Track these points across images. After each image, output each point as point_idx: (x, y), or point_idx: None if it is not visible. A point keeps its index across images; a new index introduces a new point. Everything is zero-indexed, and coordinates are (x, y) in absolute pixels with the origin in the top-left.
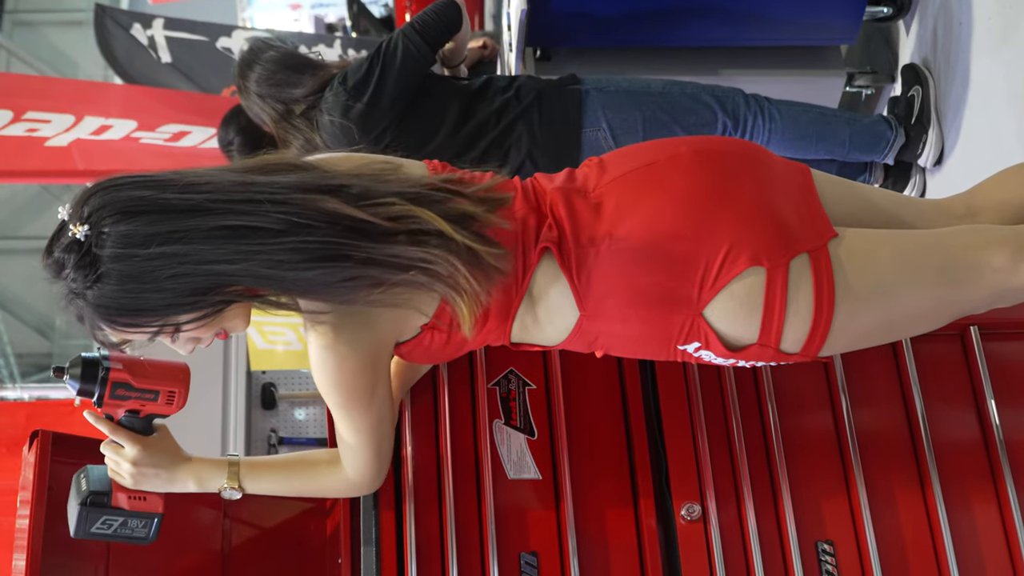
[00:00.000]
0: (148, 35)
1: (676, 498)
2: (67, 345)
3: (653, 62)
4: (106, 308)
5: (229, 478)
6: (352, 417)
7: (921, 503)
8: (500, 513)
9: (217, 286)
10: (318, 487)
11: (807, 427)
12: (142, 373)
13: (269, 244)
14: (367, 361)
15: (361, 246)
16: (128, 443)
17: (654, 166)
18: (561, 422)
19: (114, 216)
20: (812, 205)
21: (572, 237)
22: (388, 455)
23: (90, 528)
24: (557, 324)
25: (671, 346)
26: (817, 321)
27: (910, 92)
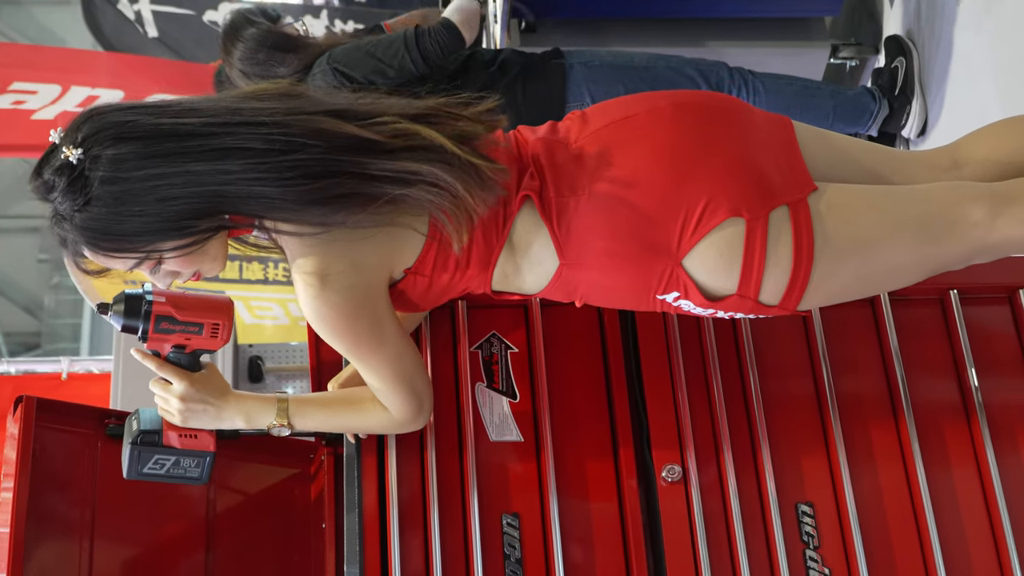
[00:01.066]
0: (135, 9)
1: (657, 460)
2: (55, 324)
3: (638, 34)
4: (92, 232)
5: (278, 415)
6: (366, 361)
7: (901, 465)
8: (482, 475)
9: (207, 210)
10: (366, 424)
11: (787, 389)
12: (185, 306)
13: (264, 163)
14: (360, 303)
15: (359, 162)
16: (176, 379)
17: (635, 118)
18: (543, 385)
19: (108, 140)
20: (792, 158)
21: (553, 186)
22: (425, 388)
23: (142, 468)
24: (537, 272)
25: (650, 295)
26: (796, 273)
27: (894, 64)
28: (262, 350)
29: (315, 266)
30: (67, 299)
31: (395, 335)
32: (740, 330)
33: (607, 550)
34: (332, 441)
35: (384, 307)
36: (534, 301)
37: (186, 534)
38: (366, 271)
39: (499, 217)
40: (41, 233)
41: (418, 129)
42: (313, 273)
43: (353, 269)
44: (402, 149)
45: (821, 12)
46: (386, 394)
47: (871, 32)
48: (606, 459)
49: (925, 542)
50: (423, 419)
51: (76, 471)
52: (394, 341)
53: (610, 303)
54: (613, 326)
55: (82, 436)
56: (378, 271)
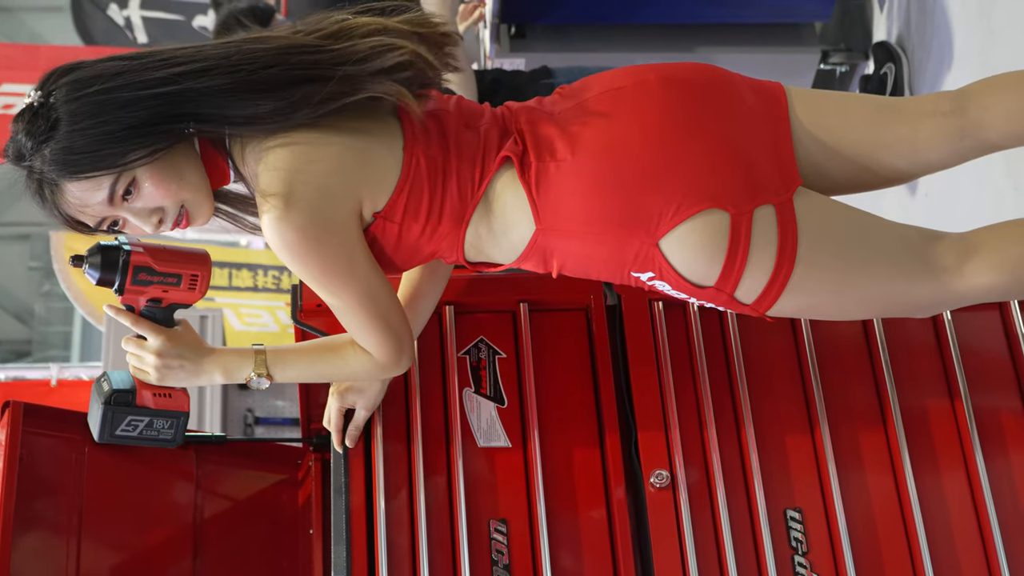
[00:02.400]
0: (124, 15)
1: (645, 465)
2: (46, 332)
3: (628, 39)
4: (61, 157)
5: (256, 366)
6: (338, 295)
7: (889, 470)
8: (470, 481)
9: (166, 111)
10: (348, 369)
11: (776, 394)
12: (163, 257)
13: (217, 61)
14: (327, 228)
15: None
16: (151, 334)
17: (622, 91)
18: (531, 390)
19: (64, 74)
20: (781, 144)
21: (534, 152)
22: (403, 327)
23: (115, 430)
24: (512, 237)
25: (625, 271)
26: (776, 277)
27: (883, 70)
28: None
29: (280, 187)
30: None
31: (367, 268)
32: (729, 335)
33: (595, 556)
34: (320, 447)
35: (355, 238)
36: (522, 307)
37: (173, 540)
38: (334, 198)
39: (475, 174)
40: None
41: (361, 20)
42: (277, 194)
43: (320, 193)
44: (350, 38)
45: (811, 18)
46: (363, 334)
47: (861, 38)
48: (594, 464)
49: (914, 548)
50: (406, 360)
51: (63, 477)
52: (367, 275)
53: (585, 273)
54: (601, 331)
55: (69, 441)
56: (347, 200)
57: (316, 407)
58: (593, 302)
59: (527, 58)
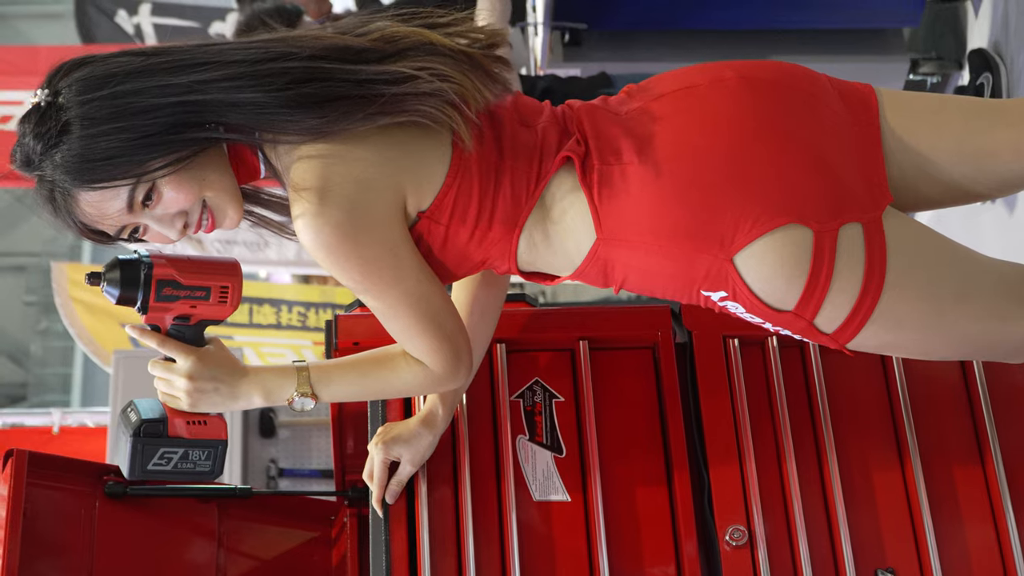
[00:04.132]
0: (134, 23)
1: (720, 520)
2: (43, 373)
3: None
4: (75, 164)
5: (299, 384)
6: (383, 299)
7: (991, 526)
8: (524, 539)
9: (189, 120)
10: (400, 383)
11: (865, 441)
12: (189, 268)
13: (243, 70)
14: (367, 223)
15: (349, 67)
16: (180, 355)
17: (695, 89)
18: (592, 438)
19: (73, 70)
20: (871, 155)
21: (597, 153)
22: (460, 334)
23: (147, 464)
24: (570, 247)
25: (694, 289)
26: (861, 302)
27: (979, 80)
28: None
29: (314, 180)
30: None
31: (414, 267)
32: (812, 374)
33: None
34: (356, 501)
35: (399, 234)
36: (581, 345)
37: None
38: (375, 191)
39: (531, 175)
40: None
41: (408, 31)
42: (311, 188)
43: (358, 186)
44: (392, 52)
45: (899, 23)
46: (413, 341)
47: (954, 45)
48: (663, 520)
49: None
50: (464, 371)
51: (72, 534)
52: (414, 274)
53: (650, 290)
54: (670, 371)
55: (78, 494)
56: (388, 193)
57: (352, 456)
58: (660, 339)
59: (583, 67)
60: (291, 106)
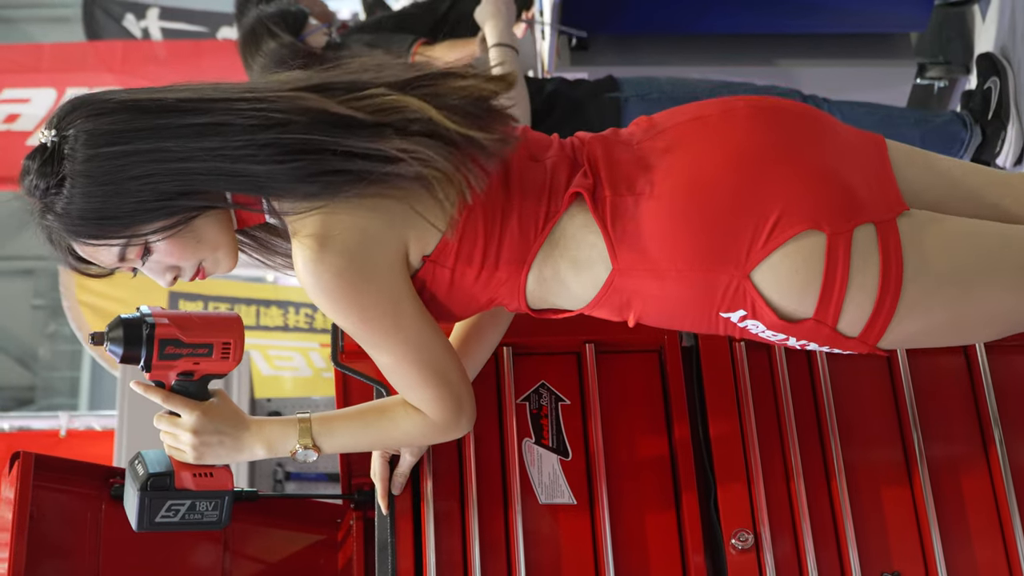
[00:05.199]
0: (142, 26)
1: (726, 524)
2: (51, 377)
3: (702, 52)
4: (69, 216)
5: (301, 436)
6: (383, 346)
7: (998, 532)
8: (530, 542)
9: (184, 189)
10: (400, 433)
11: (871, 445)
12: (190, 326)
13: (240, 139)
14: (368, 271)
15: (341, 141)
16: (185, 410)
17: (707, 119)
18: (598, 441)
19: (80, 118)
20: (882, 174)
21: (609, 185)
22: (462, 383)
23: (154, 518)
24: (584, 280)
25: (712, 313)
26: (882, 301)
27: (987, 84)
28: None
29: (315, 228)
30: (64, 349)
31: (416, 317)
32: (819, 379)
33: None
34: (362, 504)
35: (400, 281)
36: (588, 348)
37: None
38: (375, 239)
39: (540, 213)
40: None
41: (406, 102)
42: (312, 235)
43: (359, 233)
44: (386, 125)
45: (906, 28)
46: (414, 391)
47: (961, 50)
48: (668, 523)
49: None
50: (465, 421)
51: (78, 536)
52: (416, 324)
53: (668, 321)
54: (676, 374)
55: (85, 497)
56: (390, 242)
57: (357, 460)
58: (667, 342)
59: (590, 71)
60: (282, 180)
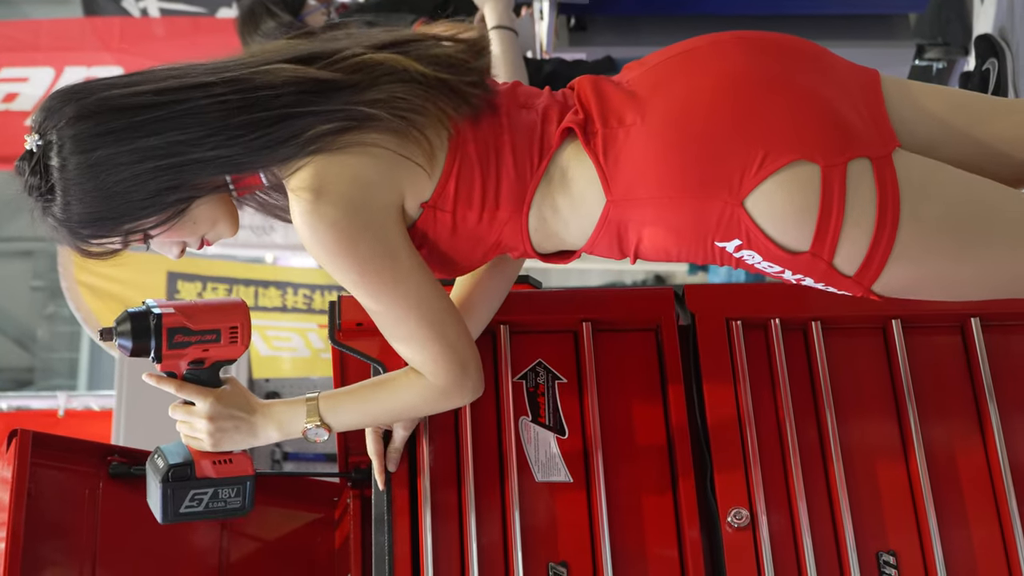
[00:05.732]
0: (141, 7)
1: (722, 502)
2: (49, 358)
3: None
4: (66, 221)
5: (309, 415)
6: (382, 301)
7: (993, 509)
8: (527, 520)
9: (172, 183)
10: (405, 401)
11: (868, 423)
12: (196, 313)
13: (216, 126)
14: (364, 221)
15: (318, 107)
16: (199, 398)
17: (695, 51)
18: (594, 419)
19: (59, 122)
20: (876, 109)
21: (600, 119)
22: (465, 343)
23: (179, 508)
24: (581, 214)
25: (708, 242)
26: (879, 236)
27: (985, 66)
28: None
29: (309, 179)
30: (63, 330)
31: (415, 270)
32: (815, 357)
33: None
34: (359, 482)
35: (396, 233)
36: (585, 327)
37: None
38: (369, 185)
39: (534, 151)
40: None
41: (382, 58)
42: (307, 187)
43: (354, 183)
44: (365, 82)
45: (905, 8)
46: (414, 349)
47: (960, 31)
48: (665, 502)
49: None
50: (471, 384)
51: (75, 515)
52: (415, 278)
53: (665, 251)
54: (673, 353)
55: (82, 475)
56: (386, 190)
57: (354, 438)
58: (663, 321)
59: (588, 52)
60: (266, 152)
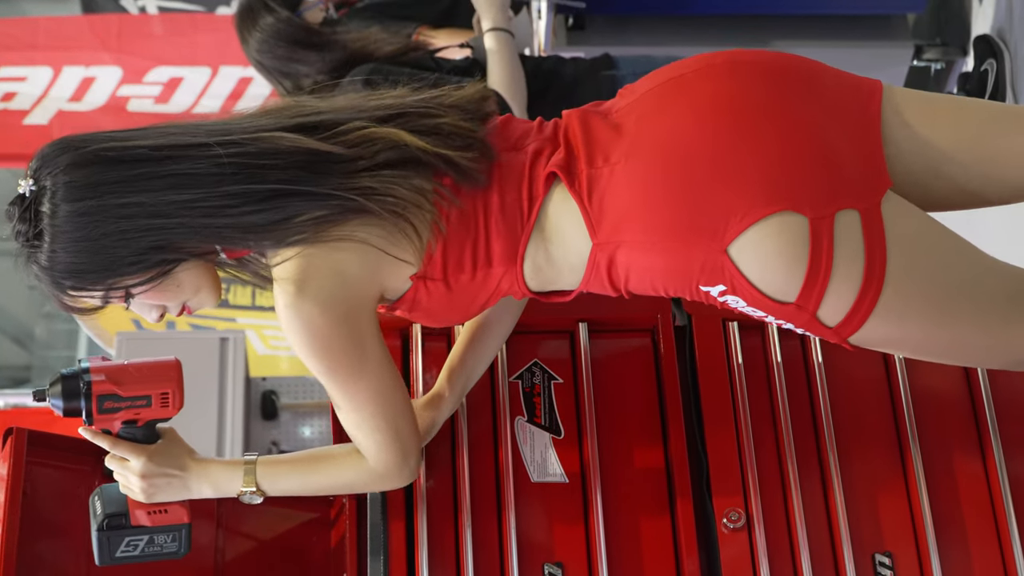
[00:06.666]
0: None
1: (717, 504)
2: (47, 356)
3: (699, 32)
4: (49, 269)
5: (246, 479)
6: (345, 390)
7: (989, 512)
8: (522, 520)
9: (158, 243)
10: (342, 479)
11: (864, 425)
12: (127, 380)
13: (208, 191)
14: (339, 318)
15: (313, 186)
16: (132, 456)
17: (683, 79)
18: (590, 420)
19: (57, 169)
20: (870, 141)
21: (585, 158)
22: (411, 435)
23: (115, 553)
24: (572, 260)
25: (693, 285)
26: (865, 293)
27: (983, 66)
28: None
29: (291, 271)
30: (61, 328)
31: (381, 363)
32: (812, 359)
33: None
34: None
35: (368, 328)
36: (581, 328)
37: None
38: (350, 282)
39: (523, 201)
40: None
41: (383, 133)
42: (289, 279)
43: (334, 278)
44: (362, 159)
45: (903, 8)
46: (365, 436)
47: (959, 31)
48: (660, 502)
49: None
50: (408, 473)
51: (71, 514)
52: (379, 372)
53: (653, 289)
54: (669, 354)
55: (78, 474)
56: (365, 284)
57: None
58: (660, 322)
59: (586, 51)
60: (255, 230)
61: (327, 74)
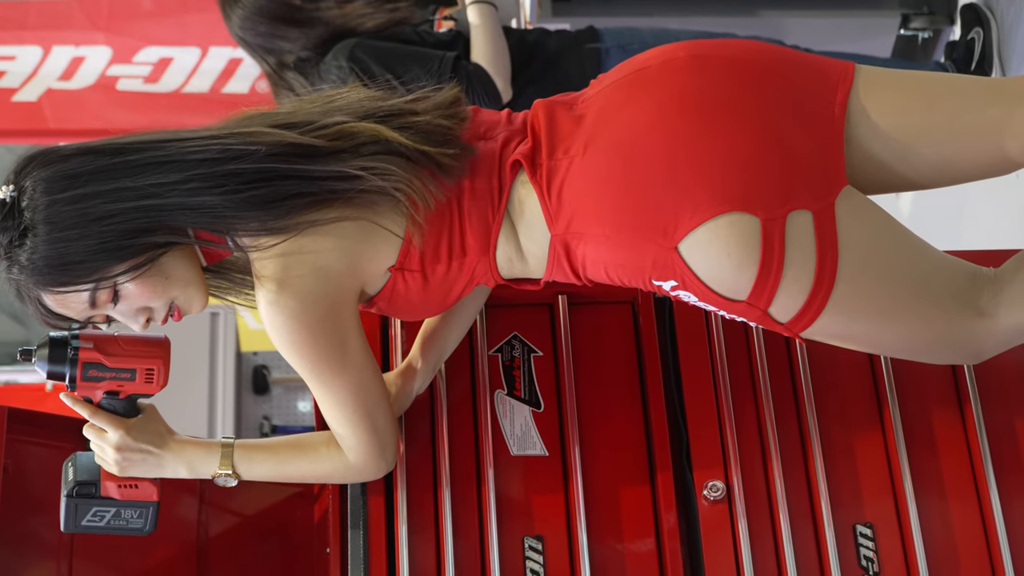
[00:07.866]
0: None
1: (697, 475)
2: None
3: (685, 3)
4: (35, 265)
5: (222, 462)
6: (327, 384)
7: (971, 482)
8: (502, 493)
9: (146, 226)
10: (319, 470)
11: (845, 395)
12: (115, 351)
13: (199, 171)
14: (322, 314)
15: (300, 167)
16: (110, 427)
17: (646, 72)
18: (570, 393)
19: (36, 168)
20: (830, 135)
21: (547, 150)
22: (388, 429)
23: (80, 521)
24: (535, 250)
25: (646, 278)
26: (815, 293)
27: (970, 35)
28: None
29: (272, 270)
30: None
31: (361, 359)
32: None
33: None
34: None
35: (350, 323)
36: (560, 300)
37: (175, 561)
38: (330, 278)
39: (493, 188)
40: None
41: (362, 128)
42: (270, 278)
43: (315, 274)
44: (345, 149)
45: None
46: (345, 431)
47: (945, 0)
48: (641, 475)
49: (998, 570)
50: (384, 465)
51: (54, 491)
52: (359, 366)
53: (609, 279)
54: (649, 326)
55: (60, 451)
56: (345, 279)
57: None
58: (640, 294)
59: (571, 22)
60: (242, 207)
61: (311, 50)
